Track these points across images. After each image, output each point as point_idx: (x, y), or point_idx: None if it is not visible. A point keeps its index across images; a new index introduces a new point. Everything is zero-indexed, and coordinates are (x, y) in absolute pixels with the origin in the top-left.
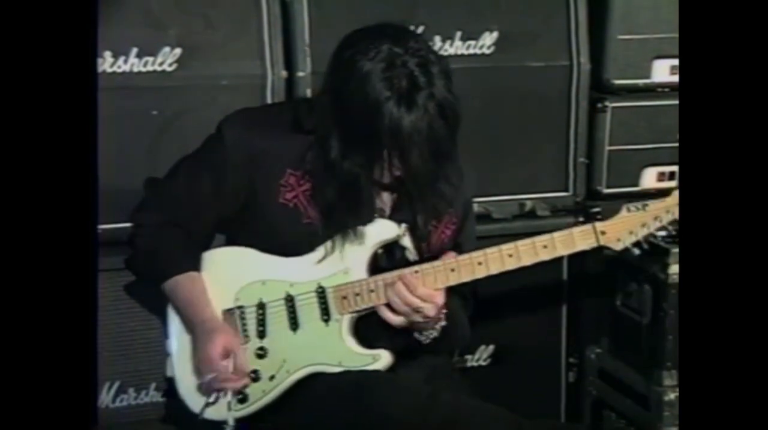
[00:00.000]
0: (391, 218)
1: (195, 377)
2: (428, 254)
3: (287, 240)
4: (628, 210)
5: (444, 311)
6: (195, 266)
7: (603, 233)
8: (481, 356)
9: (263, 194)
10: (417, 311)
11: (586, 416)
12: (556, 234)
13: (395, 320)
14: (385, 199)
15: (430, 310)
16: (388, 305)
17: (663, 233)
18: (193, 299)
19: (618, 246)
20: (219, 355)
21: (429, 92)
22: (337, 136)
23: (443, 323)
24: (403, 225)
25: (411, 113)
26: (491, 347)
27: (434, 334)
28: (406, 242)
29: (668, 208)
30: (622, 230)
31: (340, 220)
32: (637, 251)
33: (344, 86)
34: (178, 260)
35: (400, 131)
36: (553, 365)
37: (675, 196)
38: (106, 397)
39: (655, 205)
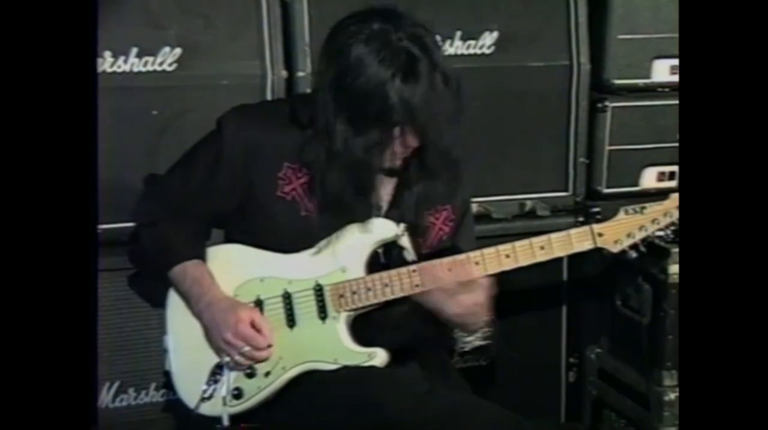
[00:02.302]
0: (387, 213)
1: (192, 372)
2: (426, 251)
3: (285, 234)
4: (626, 212)
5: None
6: (200, 254)
7: (600, 234)
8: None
9: (261, 187)
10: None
11: (586, 416)
12: (553, 235)
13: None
14: (383, 194)
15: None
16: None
17: (660, 233)
18: (202, 280)
19: (615, 248)
20: (248, 325)
21: (429, 62)
22: (341, 126)
23: (487, 331)
24: (402, 225)
25: (417, 85)
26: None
27: (477, 343)
28: (405, 242)
29: (666, 211)
30: (620, 233)
31: (346, 209)
32: (634, 254)
33: (343, 75)
34: (183, 249)
35: (410, 104)
36: (553, 365)
37: (673, 199)
38: (106, 397)
39: (652, 208)
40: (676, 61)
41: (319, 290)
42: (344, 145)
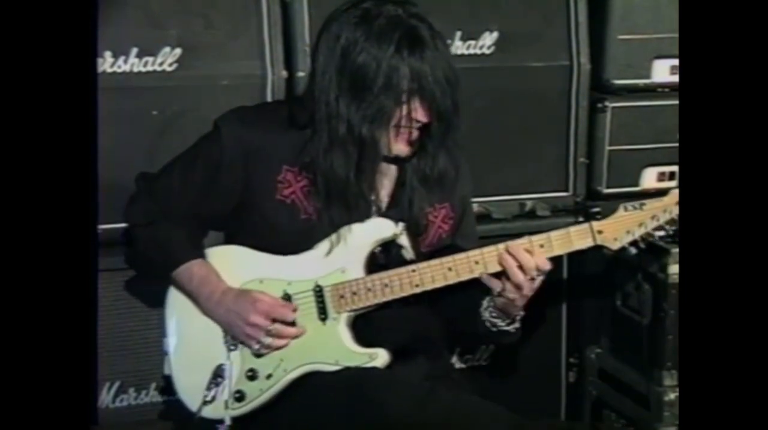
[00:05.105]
0: (386, 212)
1: (193, 375)
2: (426, 250)
3: (285, 237)
4: (626, 209)
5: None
6: (201, 254)
7: (600, 232)
8: (481, 356)
9: (260, 191)
10: (531, 279)
11: (586, 416)
12: (553, 233)
13: (498, 286)
14: (382, 194)
15: (537, 283)
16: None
17: (661, 233)
18: (209, 278)
19: (615, 245)
20: (267, 302)
21: (428, 27)
22: (344, 107)
23: (523, 313)
24: (401, 224)
25: (425, 53)
26: (491, 347)
27: (517, 324)
28: (403, 240)
29: (665, 208)
30: (620, 230)
31: (346, 203)
32: (633, 251)
33: (344, 54)
34: (186, 249)
35: (419, 72)
36: (553, 365)
37: (673, 195)
38: (106, 397)
39: (652, 205)
40: (676, 61)
41: (319, 291)
42: (348, 126)
